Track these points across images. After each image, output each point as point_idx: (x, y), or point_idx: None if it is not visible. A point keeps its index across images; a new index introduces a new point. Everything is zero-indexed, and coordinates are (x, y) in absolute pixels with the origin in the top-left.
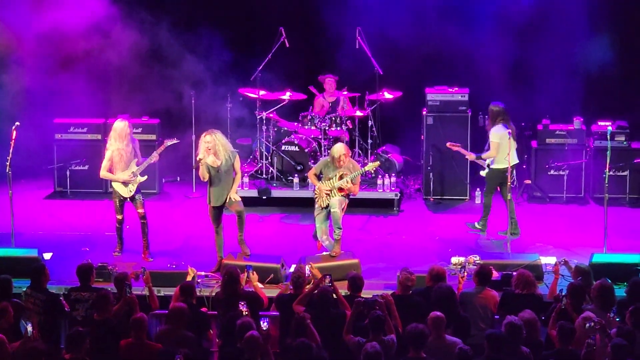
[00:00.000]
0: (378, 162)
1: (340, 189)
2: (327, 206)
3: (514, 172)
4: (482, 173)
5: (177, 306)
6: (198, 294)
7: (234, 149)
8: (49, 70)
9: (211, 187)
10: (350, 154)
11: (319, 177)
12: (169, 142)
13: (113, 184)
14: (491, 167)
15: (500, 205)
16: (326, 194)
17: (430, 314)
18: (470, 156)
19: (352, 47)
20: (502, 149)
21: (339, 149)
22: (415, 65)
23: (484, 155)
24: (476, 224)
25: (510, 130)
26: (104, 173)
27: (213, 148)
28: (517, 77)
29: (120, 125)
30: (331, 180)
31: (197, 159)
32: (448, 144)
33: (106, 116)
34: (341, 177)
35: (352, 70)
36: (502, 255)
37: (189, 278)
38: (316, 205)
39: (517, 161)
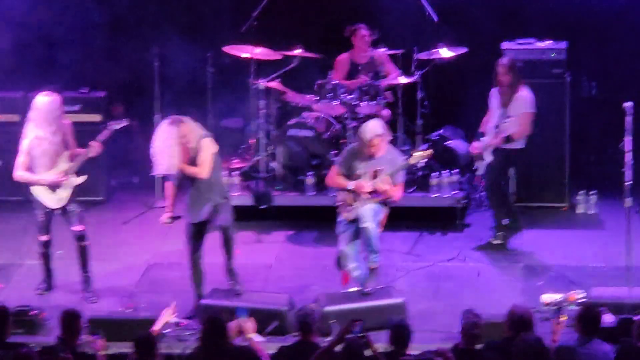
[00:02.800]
0: (430, 150)
1: (375, 193)
2: (356, 219)
3: None
4: (481, 168)
5: None
6: (164, 351)
7: (206, 131)
8: None
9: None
10: (390, 138)
11: (347, 176)
12: (116, 126)
13: (33, 189)
14: (505, 147)
15: None
16: (351, 202)
17: None
18: (496, 141)
19: None
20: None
21: (372, 128)
22: (486, 8)
23: (515, 135)
24: (492, 241)
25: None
26: (20, 173)
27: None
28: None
29: (45, 102)
30: (361, 179)
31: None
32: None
33: (26, 88)
34: (376, 175)
35: (393, 17)
36: (618, 291)
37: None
38: (340, 218)
39: None
